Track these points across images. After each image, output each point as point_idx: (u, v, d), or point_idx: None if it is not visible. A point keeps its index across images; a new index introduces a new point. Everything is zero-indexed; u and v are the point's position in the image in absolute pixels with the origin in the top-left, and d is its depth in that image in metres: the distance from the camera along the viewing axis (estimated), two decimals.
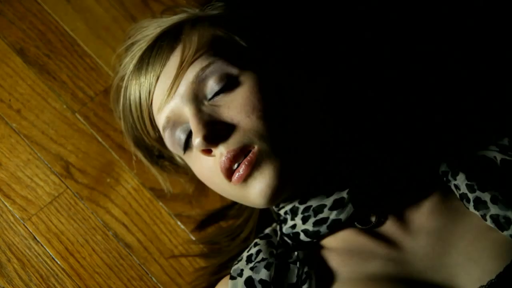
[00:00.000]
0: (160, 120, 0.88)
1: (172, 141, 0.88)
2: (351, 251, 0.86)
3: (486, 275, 0.77)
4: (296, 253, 0.86)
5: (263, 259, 0.85)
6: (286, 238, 0.90)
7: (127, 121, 0.96)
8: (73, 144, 1.08)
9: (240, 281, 0.84)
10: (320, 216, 0.86)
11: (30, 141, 1.07)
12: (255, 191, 0.82)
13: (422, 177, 0.89)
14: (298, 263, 0.84)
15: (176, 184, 1.07)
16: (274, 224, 0.93)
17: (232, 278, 0.86)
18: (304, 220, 0.87)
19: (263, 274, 0.83)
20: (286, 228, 0.90)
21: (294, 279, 0.83)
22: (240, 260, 0.88)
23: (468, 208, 0.83)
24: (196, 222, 1.05)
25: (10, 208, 1.04)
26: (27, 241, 1.02)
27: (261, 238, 0.90)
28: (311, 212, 0.86)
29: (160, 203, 1.06)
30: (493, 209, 0.80)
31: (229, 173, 0.83)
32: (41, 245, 1.02)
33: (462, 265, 0.80)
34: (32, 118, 1.08)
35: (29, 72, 1.11)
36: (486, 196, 0.81)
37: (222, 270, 0.99)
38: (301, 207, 0.87)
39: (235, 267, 0.87)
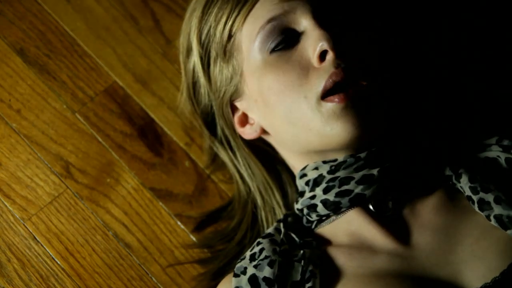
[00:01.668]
0: (274, 10, 0.86)
1: (266, 36, 0.86)
2: (361, 243, 0.86)
3: (490, 273, 0.77)
4: (302, 251, 0.85)
5: (266, 257, 0.85)
6: (292, 235, 0.89)
7: (209, 9, 0.93)
8: (73, 144, 1.08)
9: (244, 278, 0.84)
10: (345, 187, 0.85)
11: (30, 141, 1.07)
12: (348, 120, 0.82)
13: (432, 174, 0.89)
14: (302, 261, 0.84)
15: (176, 184, 1.07)
16: (276, 223, 0.93)
17: (236, 275, 0.86)
18: (327, 190, 0.86)
19: (266, 271, 0.83)
20: (302, 201, 0.89)
21: (298, 277, 0.83)
22: (243, 258, 0.88)
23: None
24: (195, 223, 1.05)
25: (10, 208, 1.04)
26: (27, 241, 1.02)
27: (263, 237, 0.90)
28: (336, 183, 0.86)
29: (160, 203, 1.06)
30: (497, 209, 0.80)
31: (328, 88, 0.82)
32: (41, 245, 1.02)
33: (467, 262, 0.80)
34: (32, 118, 1.08)
35: (29, 72, 1.11)
36: (489, 197, 0.82)
37: (221, 274, 0.99)
38: (328, 177, 0.86)
39: (238, 265, 0.87)
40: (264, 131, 0.94)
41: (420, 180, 0.88)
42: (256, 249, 0.88)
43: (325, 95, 0.83)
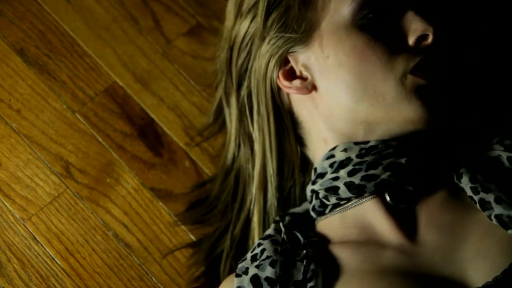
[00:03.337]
0: None
1: (365, 2, 0.87)
2: (369, 238, 0.86)
3: (493, 271, 0.78)
4: (304, 251, 0.85)
5: (268, 257, 0.85)
6: (297, 234, 0.89)
7: None
8: (73, 144, 1.08)
9: (246, 278, 0.84)
10: (372, 172, 0.85)
11: (30, 141, 1.07)
12: (425, 101, 0.84)
13: (440, 171, 0.89)
14: (305, 260, 0.84)
15: (176, 184, 1.07)
16: (274, 224, 0.93)
17: (238, 275, 0.86)
18: (352, 172, 0.86)
19: (268, 271, 0.83)
20: (322, 182, 0.88)
21: (300, 277, 0.83)
22: (245, 259, 0.88)
23: None
24: (187, 203, 1.06)
25: (10, 208, 1.04)
26: (27, 241, 1.02)
27: (263, 239, 0.90)
28: (363, 166, 0.85)
29: (160, 203, 1.06)
30: (497, 209, 0.81)
31: (419, 66, 0.85)
32: (41, 245, 1.02)
33: (471, 260, 0.81)
34: (32, 118, 1.08)
35: (29, 72, 1.11)
36: (490, 197, 0.82)
37: (211, 253, 1.01)
38: (355, 160, 0.86)
39: (240, 265, 0.87)
40: (313, 90, 0.92)
41: (431, 176, 0.88)
42: (257, 250, 0.88)
43: (413, 71, 0.85)
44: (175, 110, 1.11)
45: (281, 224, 0.92)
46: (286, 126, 0.97)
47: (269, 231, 0.92)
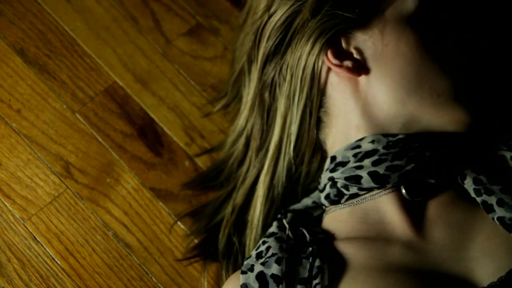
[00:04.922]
0: None
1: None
2: (377, 234, 0.86)
3: (499, 271, 0.78)
4: (310, 248, 0.85)
5: (273, 254, 0.85)
6: (304, 231, 0.89)
7: None
8: (73, 144, 1.08)
9: (252, 275, 0.84)
10: (397, 162, 0.85)
11: (30, 141, 1.07)
12: (477, 105, 0.86)
13: (449, 169, 0.89)
14: (310, 257, 0.84)
15: (176, 184, 1.07)
16: (276, 222, 0.93)
17: (243, 272, 0.85)
18: (377, 162, 0.85)
19: (274, 269, 0.83)
20: (344, 170, 0.87)
21: (306, 274, 0.83)
22: (249, 257, 0.88)
23: None
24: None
25: (10, 208, 1.04)
26: (27, 241, 1.02)
27: (267, 237, 0.90)
28: (389, 157, 0.85)
29: (160, 203, 1.06)
30: (499, 212, 0.81)
31: (474, 71, 0.87)
32: (41, 245, 1.02)
33: (477, 260, 0.81)
34: (32, 118, 1.08)
35: (29, 72, 1.11)
36: (492, 200, 0.82)
37: (214, 218, 1.02)
38: (382, 151, 0.86)
39: (245, 263, 0.87)
40: (363, 74, 0.89)
41: (446, 173, 0.88)
42: (263, 248, 0.88)
43: (469, 74, 0.86)
44: (175, 110, 1.11)
45: (284, 221, 0.92)
46: (313, 106, 0.93)
47: (272, 228, 0.92)
